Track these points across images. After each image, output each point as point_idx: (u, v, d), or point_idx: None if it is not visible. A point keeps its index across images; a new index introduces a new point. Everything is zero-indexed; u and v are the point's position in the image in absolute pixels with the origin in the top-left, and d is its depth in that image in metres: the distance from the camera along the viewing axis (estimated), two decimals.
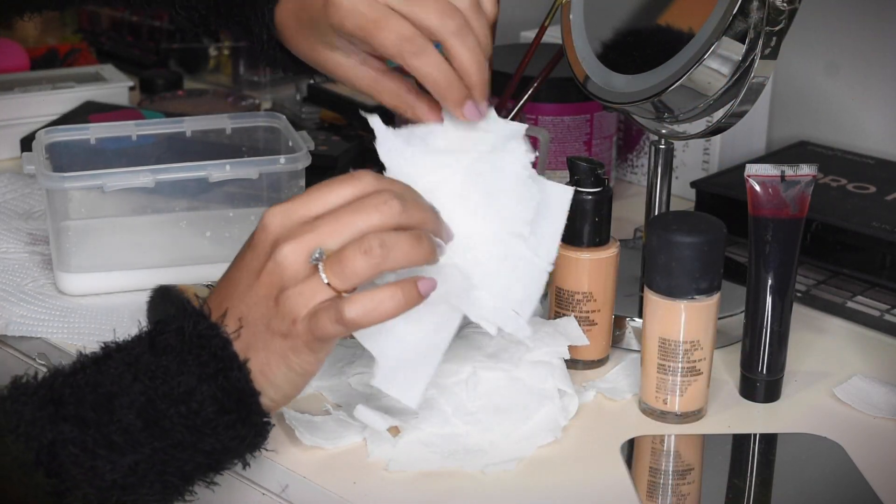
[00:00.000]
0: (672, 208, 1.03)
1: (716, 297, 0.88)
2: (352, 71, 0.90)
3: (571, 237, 0.94)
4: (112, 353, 0.78)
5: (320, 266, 0.76)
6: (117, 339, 0.79)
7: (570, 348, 0.91)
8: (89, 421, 0.75)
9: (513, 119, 1.12)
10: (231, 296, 0.79)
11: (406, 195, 0.78)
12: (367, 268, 0.75)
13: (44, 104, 1.38)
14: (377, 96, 0.90)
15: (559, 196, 0.85)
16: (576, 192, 0.92)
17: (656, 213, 1.01)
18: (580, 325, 0.94)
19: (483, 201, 0.82)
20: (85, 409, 0.75)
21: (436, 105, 0.87)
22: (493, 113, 0.87)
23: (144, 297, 0.97)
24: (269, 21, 0.93)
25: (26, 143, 1.32)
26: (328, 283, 0.76)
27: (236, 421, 0.77)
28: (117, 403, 0.75)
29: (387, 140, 0.84)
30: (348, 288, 0.76)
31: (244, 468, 0.80)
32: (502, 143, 0.85)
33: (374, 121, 0.85)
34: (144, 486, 0.75)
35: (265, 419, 0.79)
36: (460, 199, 0.82)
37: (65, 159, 1.12)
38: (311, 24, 0.90)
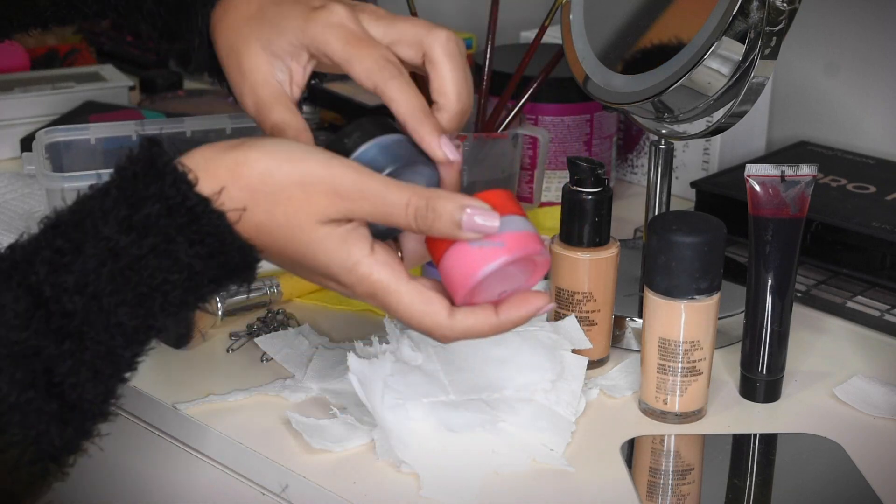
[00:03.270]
0: (672, 208, 1.03)
1: (716, 297, 0.88)
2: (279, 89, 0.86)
3: (571, 237, 0.94)
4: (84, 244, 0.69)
5: None
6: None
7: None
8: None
9: (512, 119, 1.12)
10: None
11: None
12: None
13: (44, 104, 1.38)
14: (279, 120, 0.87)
15: (575, 362, 0.91)
16: (576, 192, 0.93)
17: (656, 213, 1.01)
18: (580, 325, 0.94)
19: (509, 357, 0.89)
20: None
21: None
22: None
23: None
24: (203, 26, 0.87)
25: (26, 143, 1.32)
26: None
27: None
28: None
29: None
30: None
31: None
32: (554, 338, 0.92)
33: None
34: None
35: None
36: (490, 348, 0.89)
37: (65, 159, 1.12)
38: (272, 33, 0.83)
